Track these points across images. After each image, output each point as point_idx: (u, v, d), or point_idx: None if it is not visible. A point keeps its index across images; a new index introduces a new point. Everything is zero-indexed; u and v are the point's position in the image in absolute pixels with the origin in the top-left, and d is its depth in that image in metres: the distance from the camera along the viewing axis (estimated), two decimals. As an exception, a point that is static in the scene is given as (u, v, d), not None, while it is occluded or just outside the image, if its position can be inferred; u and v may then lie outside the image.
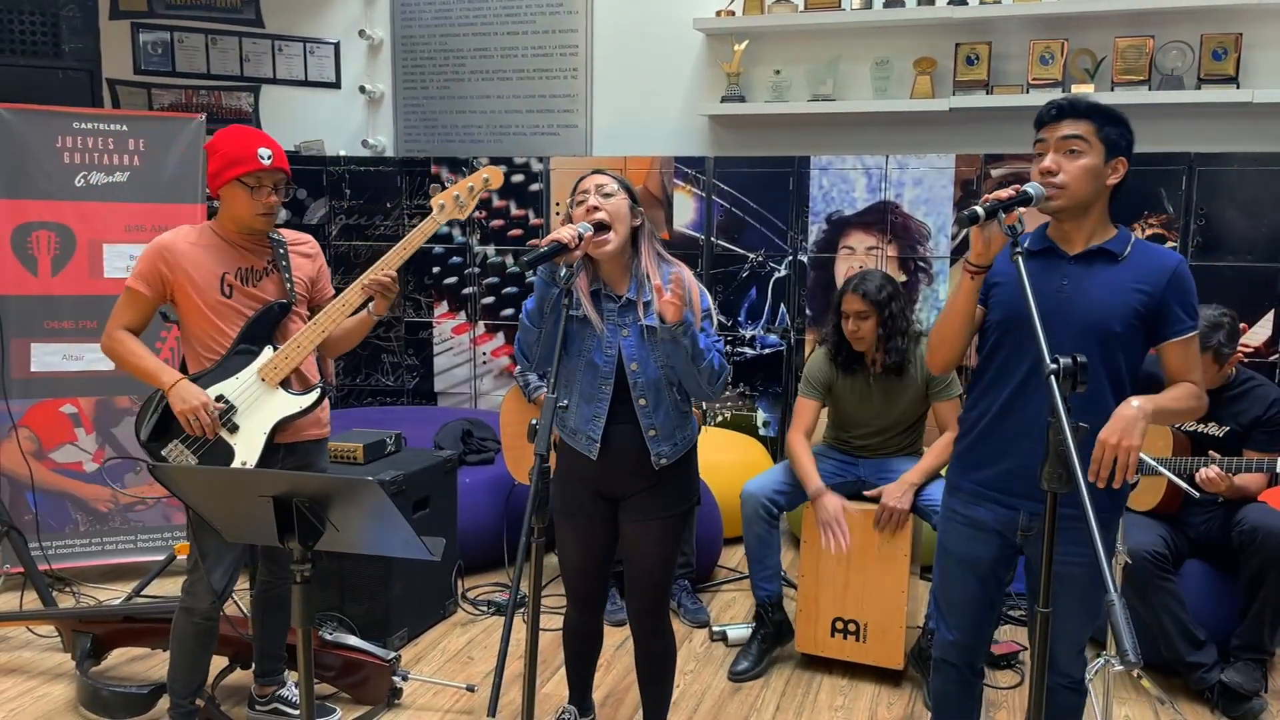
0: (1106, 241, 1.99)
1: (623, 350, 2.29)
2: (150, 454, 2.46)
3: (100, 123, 3.81)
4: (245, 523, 1.93)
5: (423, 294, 5.17)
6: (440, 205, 2.62)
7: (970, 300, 1.93)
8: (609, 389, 2.30)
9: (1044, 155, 1.94)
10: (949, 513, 2.14)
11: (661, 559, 2.39)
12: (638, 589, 2.42)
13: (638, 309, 2.28)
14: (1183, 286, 1.96)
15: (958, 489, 2.13)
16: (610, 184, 2.29)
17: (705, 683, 3.10)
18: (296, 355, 2.52)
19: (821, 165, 4.53)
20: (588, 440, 2.33)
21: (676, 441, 2.35)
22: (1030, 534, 2.02)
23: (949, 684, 2.19)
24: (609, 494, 2.39)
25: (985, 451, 2.06)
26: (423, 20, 5.40)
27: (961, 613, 2.13)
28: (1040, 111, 1.98)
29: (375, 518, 1.88)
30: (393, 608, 3.22)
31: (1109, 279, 1.96)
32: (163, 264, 2.47)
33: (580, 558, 2.44)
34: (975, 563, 2.09)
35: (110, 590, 3.74)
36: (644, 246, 2.32)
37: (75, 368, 3.79)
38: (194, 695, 2.59)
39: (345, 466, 3.27)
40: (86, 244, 3.78)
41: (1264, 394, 3.01)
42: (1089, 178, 1.92)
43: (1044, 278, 1.97)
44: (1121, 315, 1.94)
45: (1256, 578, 2.88)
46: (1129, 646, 1.24)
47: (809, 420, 3.24)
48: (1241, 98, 4.10)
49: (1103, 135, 1.92)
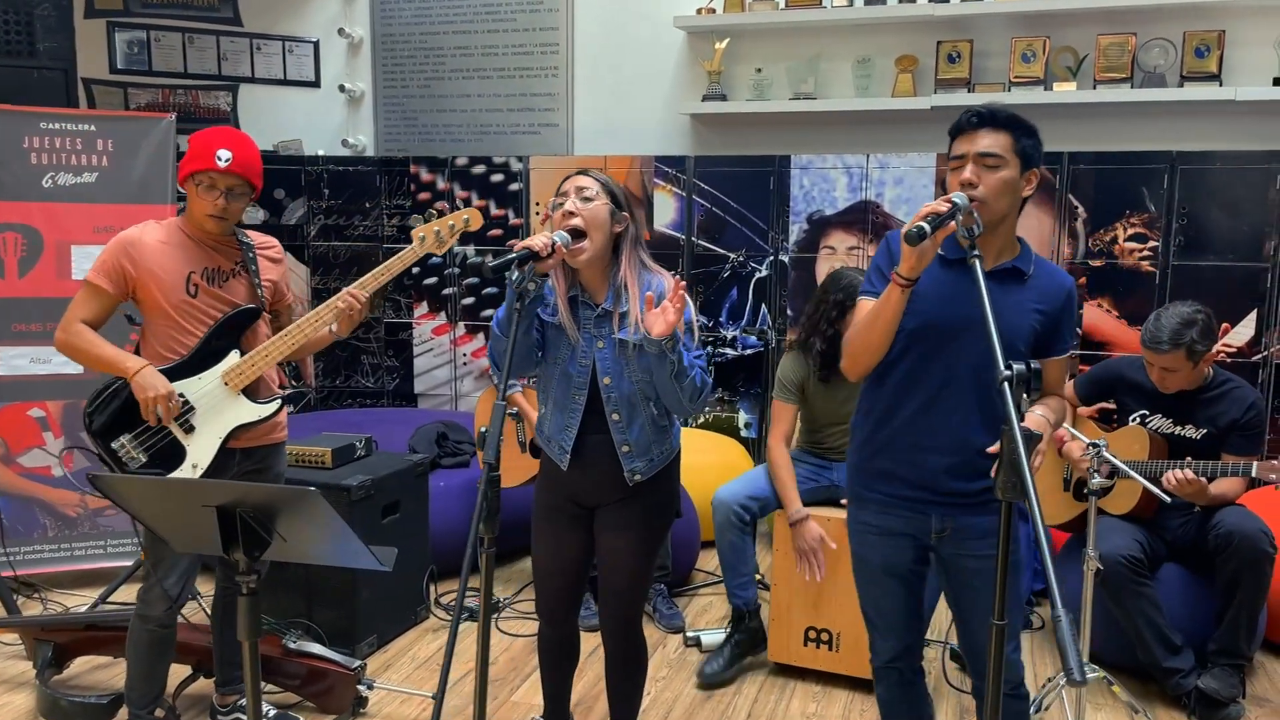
0: (1016, 259, 2.02)
1: (597, 362, 2.21)
2: (100, 447, 2.40)
3: (68, 123, 3.76)
4: (191, 533, 1.89)
5: (403, 295, 5.12)
6: (421, 238, 2.57)
7: (898, 311, 1.91)
8: (582, 399, 2.23)
9: (962, 167, 1.93)
10: (861, 526, 2.12)
11: (635, 572, 2.32)
12: (611, 600, 2.36)
13: (614, 320, 2.20)
14: (1073, 308, 2.06)
15: (866, 501, 2.11)
16: (591, 187, 2.19)
17: (677, 690, 3.06)
18: (262, 364, 2.47)
19: (802, 165, 4.49)
20: (559, 449, 2.27)
21: (653, 457, 2.27)
22: (944, 535, 2.03)
23: (893, 689, 2.19)
24: (584, 503, 2.33)
25: (892, 461, 2.05)
26: (403, 18, 5.35)
27: (894, 619, 2.13)
28: (959, 120, 1.97)
29: (322, 527, 1.84)
30: (361, 614, 3.17)
31: (1017, 299, 1.99)
32: (126, 260, 2.42)
33: (553, 562, 2.38)
34: (896, 569, 2.09)
35: (80, 596, 3.70)
36: (625, 254, 2.21)
37: (43, 371, 3.74)
38: (153, 705, 2.54)
39: (313, 471, 3.22)
40: (54, 245, 3.73)
41: (1241, 396, 2.97)
42: (1007, 190, 1.93)
43: (960, 290, 1.95)
44: (1025, 336, 1.99)
45: (1232, 582, 2.85)
46: (1074, 665, 1.20)
47: (788, 425, 3.19)
48: (1224, 95, 4.07)
49: (1019, 149, 1.93)
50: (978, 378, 1.94)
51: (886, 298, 1.90)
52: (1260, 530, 2.82)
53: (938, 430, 1.98)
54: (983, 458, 1.92)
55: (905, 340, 1.97)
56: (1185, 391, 2.99)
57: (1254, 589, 2.82)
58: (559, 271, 2.21)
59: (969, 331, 1.93)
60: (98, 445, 2.40)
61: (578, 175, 2.23)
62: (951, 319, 1.94)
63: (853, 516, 2.15)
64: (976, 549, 2.01)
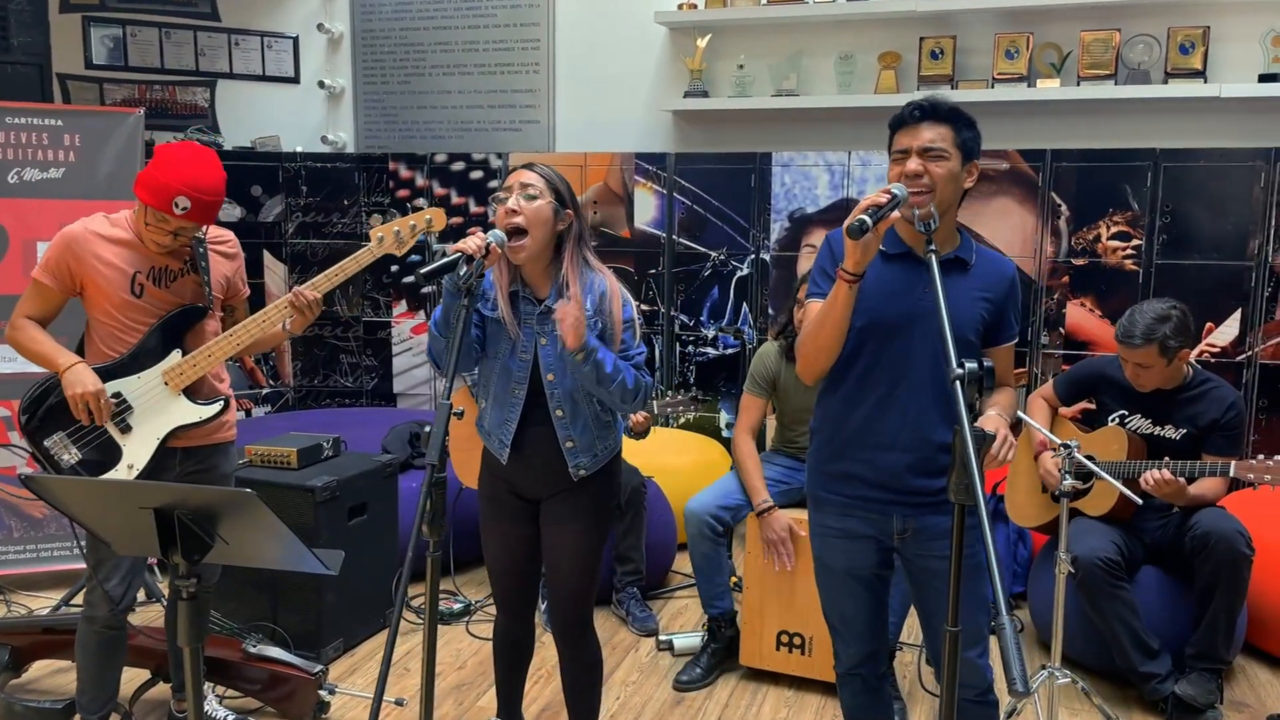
0: (958, 249, 2.01)
1: (540, 358, 2.20)
2: (34, 445, 2.35)
3: (34, 117, 3.70)
4: (130, 535, 1.84)
5: (381, 293, 5.07)
6: (380, 238, 2.53)
7: (848, 308, 1.88)
8: (521, 393, 2.22)
9: (905, 159, 1.91)
10: (822, 529, 2.08)
11: (581, 567, 2.30)
12: (558, 597, 2.33)
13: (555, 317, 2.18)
14: (1017, 294, 2.06)
15: (825, 503, 2.07)
16: (536, 184, 2.18)
17: (647, 694, 3.01)
18: (205, 364, 2.42)
19: (784, 162, 4.44)
20: (499, 443, 2.26)
21: (597, 453, 2.27)
22: (906, 536, 2.01)
23: (858, 695, 2.15)
24: (526, 495, 2.31)
25: (851, 462, 2.01)
26: (383, 14, 5.30)
27: (857, 626, 2.09)
28: (901, 113, 1.96)
29: (265, 530, 1.79)
30: (326, 617, 3.12)
31: (962, 289, 1.98)
32: (70, 257, 2.36)
33: (501, 558, 2.36)
34: (858, 572, 2.05)
35: (47, 598, 3.64)
36: (568, 251, 2.21)
37: (7, 369, 3.68)
38: (105, 709, 2.49)
39: (278, 471, 3.16)
40: (20, 243, 3.67)
41: (1221, 396, 2.92)
42: (951, 180, 1.92)
43: (905, 284, 1.96)
44: (973, 325, 1.98)
45: (1209, 584, 2.80)
46: (1017, 675, 1.15)
47: (755, 419, 3.15)
48: (1209, 92, 4.02)
49: (960, 141, 1.92)
50: (932, 372, 1.91)
51: (834, 296, 1.87)
52: (1237, 531, 2.77)
53: (896, 427, 1.95)
54: (943, 454, 1.88)
55: (856, 338, 1.94)
56: (1164, 391, 2.94)
57: (1231, 591, 2.77)
58: (501, 266, 2.21)
59: (917, 326, 1.91)
60: (31, 443, 2.34)
61: (523, 170, 2.21)
62: (899, 314, 1.93)
63: (814, 520, 2.10)
64: (939, 549, 1.96)
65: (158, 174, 2.29)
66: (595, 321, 2.20)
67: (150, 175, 2.30)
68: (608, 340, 2.20)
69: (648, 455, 3.94)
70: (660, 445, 4.25)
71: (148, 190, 2.30)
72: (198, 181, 2.30)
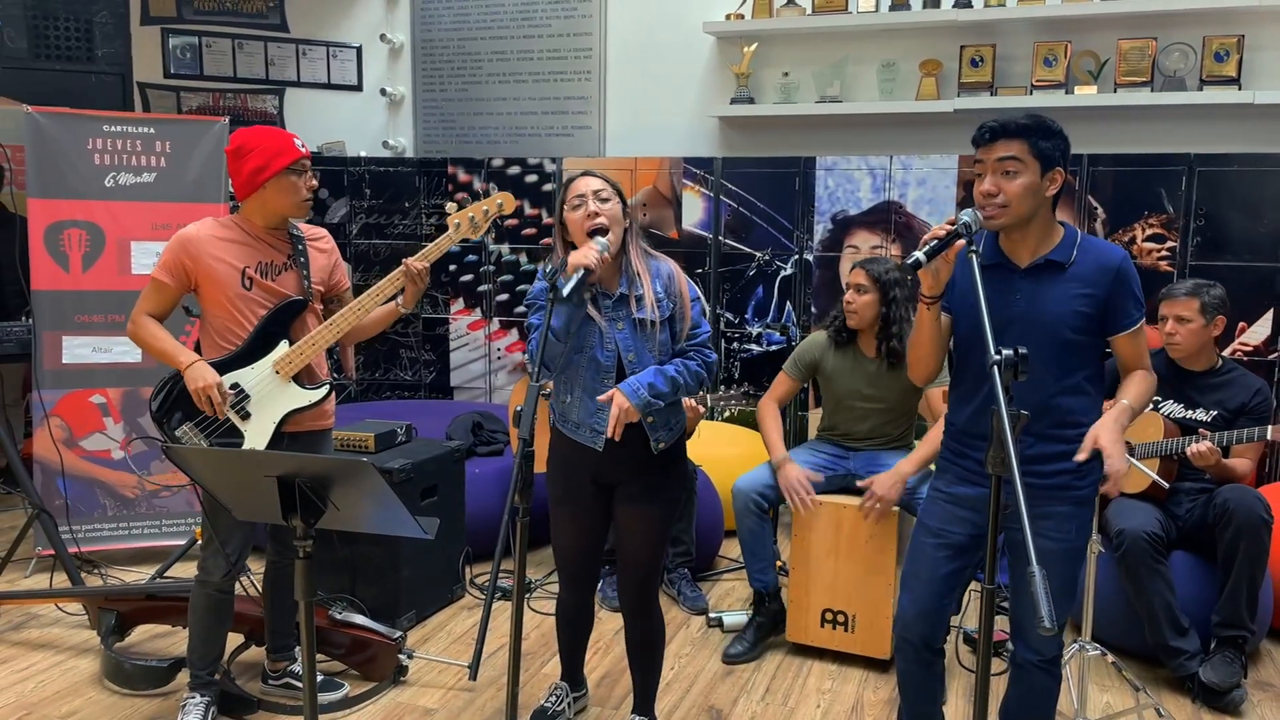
0: (1052, 252, 2.10)
1: (619, 343, 2.42)
2: (162, 431, 2.61)
3: (129, 125, 3.99)
4: (252, 501, 2.07)
5: (440, 291, 5.32)
6: (456, 225, 2.75)
7: (934, 327, 2.11)
8: (611, 382, 2.42)
9: (984, 176, 2.05)
10: (934, 493, 2.27)
11: (653, 542, 2.51)
12: (630, 571, 2.54)
13: (630, 303, 2.42)
14: (1128, 281, 2.09)
15: (945, 470, 2.26)
16: (605, 189, 2.43)
17: (699, 666, 3.21)
18: (310, 351, 2.66)
19: (827, 165, 4.62)
20: (592, 433, 2.46)
21: (671, 426, 2.50)
22: (1009, 510, 2.12)
23: (910, 664, 2.28)
24: (606, 481, 2.52)
25: (969, 443, 2.19)
26: (442, 24, 5.55)
27: (926, 584, 2.21)
28: (974, 135, 2.09)
29: (372, 497, 2.01)
30: (401, 590, 3.36)
31: (1058, 290, 2.08)
32: (186, 256, 2.61)
33: (574, 541, 2.57)
34: (949, 537, 2.20)
35: (135, 573, 3.91)
36: (632, 245, 2.46)
37: (104, 359, 3.97)
38: (211, 667, 2.74)
39: (357, 455, 3.41)
40: (115, 242, 3.96)
41: (1248, 382, 3.14)
42: (1028, 194, 2.03)
43: (999, 293, 2.11)
44: (1072, 323, 2.07)
45: (1231, 549, 2.95)
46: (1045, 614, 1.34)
47: (783, 393, 3.44)
48: (1243, 99, 4.14)
49: (1036, 151, 2.02)
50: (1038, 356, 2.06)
51: (920, 318, 2.10)
52: (1256, 498, 2.96)
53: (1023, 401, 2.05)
54: (1041, 442, 2.08)
55: (964, 344, 2.16)
56: (1194, 375, 3.13)
57: (1252, 556, 2.91)
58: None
59: (1010, 330, 2.09)
60: (163, 431, 2.60)
61: (587, 177, 2.45)
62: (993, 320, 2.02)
63: (931, 486, 2.29)
64: (1044, 529, 2.11)
65: (266, 144, 2.57)
66: (666, 304, 2.42)
67: (263, 149, 2.57)
68: (678, 320, 2.44)
69: (698, 446, 4.14)
70: (709, 437, 4.46)
71: (273, 154, 2.56)
72: (283, 131, 2.63)
